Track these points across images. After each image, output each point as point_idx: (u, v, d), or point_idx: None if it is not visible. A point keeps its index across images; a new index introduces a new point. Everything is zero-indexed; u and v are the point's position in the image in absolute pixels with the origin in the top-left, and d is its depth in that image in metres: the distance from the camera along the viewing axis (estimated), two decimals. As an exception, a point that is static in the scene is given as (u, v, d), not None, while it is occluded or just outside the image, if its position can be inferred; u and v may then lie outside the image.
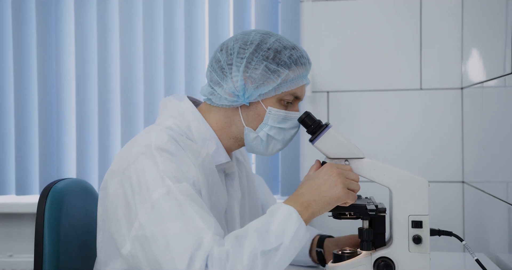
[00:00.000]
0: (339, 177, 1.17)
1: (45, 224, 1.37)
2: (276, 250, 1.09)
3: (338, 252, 1.32)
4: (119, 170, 1.20)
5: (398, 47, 2.11)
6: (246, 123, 1.30)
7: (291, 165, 2.14)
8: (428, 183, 1.25)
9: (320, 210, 1.17)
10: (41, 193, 1.41)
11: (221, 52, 1.31)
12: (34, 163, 2.28)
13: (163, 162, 1.16)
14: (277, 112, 1.29)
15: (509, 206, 1.49)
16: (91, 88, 2.25)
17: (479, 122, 1.83)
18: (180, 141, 1.24)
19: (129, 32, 2.22)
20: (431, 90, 2.09)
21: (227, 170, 1.38)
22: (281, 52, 1.28)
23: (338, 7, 2.13)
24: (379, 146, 2.10)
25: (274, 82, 1.26)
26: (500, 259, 1.61)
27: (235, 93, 1.28)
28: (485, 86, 1.74)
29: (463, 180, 2.07)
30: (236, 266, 1.06)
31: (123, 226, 1.16)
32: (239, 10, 2.16)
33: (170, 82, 2.19)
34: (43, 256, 1.35)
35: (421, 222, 1.24)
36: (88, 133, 2.25)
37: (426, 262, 1.24)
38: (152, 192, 1.13)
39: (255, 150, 1.35)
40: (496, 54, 1.62)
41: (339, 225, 1.77)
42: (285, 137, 1.32)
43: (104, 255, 1.27)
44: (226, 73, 1.28)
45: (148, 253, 1.10)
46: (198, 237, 1.07)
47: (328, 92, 2.15)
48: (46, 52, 2.25)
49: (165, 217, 1.10)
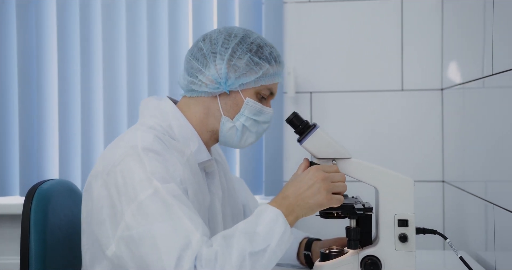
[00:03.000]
0: (324, 183, 1.19)
1: (31, 225, 1.35)
2: (264, 252, 1.11)
3: (325, 251, 1.34)
4: (104, 171, 1.20)
5: (380, 48, 2.14)
6: (224, 112, 1.33)
7: (275, 165, 2.15)
8: (414, 182, 1.27)
9: (304, 215, 1.20)
10: (26, 194, 1.39)
11: (204, 42, 1.34)
12: (14, 164, 2.25)
13: (150, 163, 1.16)
14: (254, 103, 1.33)
15: (487, 203, 1.52)
16: (73, 88, 2.23)
17: (459, 122, 1.87)
18: (165, 140, 1.25)
19: (112, 32, 2.20)
20: (412, 91, 2.13)
21: (207, 169, 1.39)
22: (263, 47, 1.33)
23: (321, 9, 2.15)
24: (361, 146, 2.12)
25: (256, 73, 1.31)
26: (480, 257, 1.65)
27: (217, 80, 1.31)
28: (465, 88, 1.78)
29: (443, 179, 2.11)
30: (225, 266, 1.07)
31: (108, 227, 1.16)
32: (223, 11, 2.17)
33: (153, 82, 2.19)
34: (29, 258, 1.34)
35: (407, 220, 1.26)
36: (70, 133, 2.23)
37: (412, 260, 1.26)
38: (139, 193, 1.13)
39: (229, 141, 1.37)
40: (475, 56, 1.66)
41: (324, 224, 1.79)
42: (259, 130, 1.36)
43: (89, 258, 1.27)
44: (209, 60, 1.31)
45: (135, 254, 1.10)
46: (187, 238, 1.08)
47: (311, 92, 2.17)
48: (27, 50, 2.22)
49: (153, 217, 1.10)
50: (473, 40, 1.70)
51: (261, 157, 2.18)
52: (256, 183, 2.18)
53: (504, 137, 1.41)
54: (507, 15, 1.39)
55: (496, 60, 1.45)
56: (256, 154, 2.17)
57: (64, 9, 2.22)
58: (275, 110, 2.13)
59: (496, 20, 1.45)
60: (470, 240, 1.76)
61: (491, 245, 1.53)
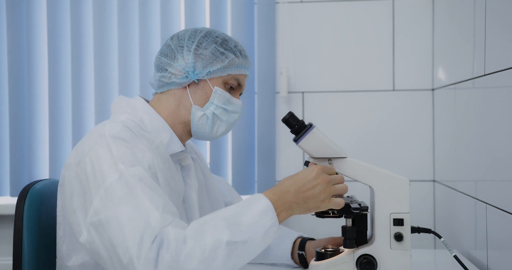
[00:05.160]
0: (327, 186, 1.19)
1: (24, 226, 1.35)
2: (243, 243, 1.09)
3: (321, 250, 1.34)
4: (74, 162, 1.22)
5: (372, 49, 2.15)
6: (194, 101, 1.37)
7: (267, 165, 2.15)
8: (409, 182, 1.28)
9: (299, 213, 1.19)
10: (19, 195, 1.38)
11: (172, 39, 1.41)
12: (5, 164, 2.23)
13: (117, 148, 1.18)
14: (222, 92, 1.37)
15: (478, 202, 1.54)
16: (64, 87, 2.21)
17: (450, 122, 1.89)
18: (134, 130, 1.27)
19: (104, 33, 2.19)
20: (404, 91, 2.14)
21: (182, 162, 1.41)
22: (228, 41, 1.40)
23: (313, 9, 2.16)
24: (353, 146, 2.13)
25: (222, 62, 1.36)
26: (471, 255, 1.66)
27: (185, 69, 1.36)
28: (456, 88, 1.79)
29: (434, 179, 2.13)
30: (195, 251, 1.05)
31: (80, 215, 1.17)
32: (215, 11, 2.17)
33: (145, 82, 2.18)
34: (22, 258, 1.33)
35: (402, 219, 1.27)
36: (61, 133, 2.21)
37: (407, 259, 1.27)
38: (106, 177, 1.14)
39: (201, 130, 1.39)
40: (466, 57, 1.68)
41: (317, 224, 1.80)
42: (229, 119, 1.40)
43: (66, 249, 1.27)
44: (177, 54, 1.37)
45: (104, 238, 1.10)
46: (147, 217, 1.08)
47: (303, 92, 2.17)
48: (17, 49, 2.20)
49: (118, 200, 1.11)
50: (463, 41, 1.71)
51: (254, 157, 2.18)
52: (249, 183, 2.18)
53: (494, 136, 1.42)
54: (499, 16, 1.40)
55: (488, 61, 1.47)
56: (248, 154, 2.17)
57: (55, 7, 2.20)
58: (267, 110, 2.15)
59: (489, 21, 1.46)
60: (461, 239, 1.78)
61: (483, 244, 1.54)
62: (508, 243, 1.36)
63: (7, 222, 2.18)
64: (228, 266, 1.08)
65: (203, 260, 1.05)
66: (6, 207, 2.17)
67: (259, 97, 2.16)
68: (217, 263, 1.06)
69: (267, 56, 2.15)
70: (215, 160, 2.16)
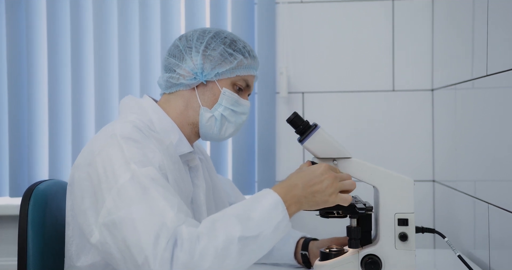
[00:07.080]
0: (334, 181, 1.19)
1: (29, 226, 1.34)
2: (255, 238, 1.09)
3: (325, 250, 1.34)
4: (84, 163, 1.21)
5: (371, 49, 2.16)
6: (202, 102, 1.37)
7: (267, 165, 2.16)
8: (414, 182, 1.29)
9: (307, 208, 1.19)
10: (23, 195, 1.38)
11: (180, 40, 1.42)
12: (4, 165, 2.22)
13: (128, 149, 1.18)
14: (231, 94, 1.37)
15: (479, 202, 1.55)
16: (63, 87, 2.20)
17: (449, 122, 1.90)
18: (144, 131, 1.27)
19: (104, 33, 2.18)
20: (403, 91, 2.15)
21: (190, 163, 1.41)
22: (236, 41, 1.40)
23: (313, 9, 2.17)
24: (353, 146, 2.11)
25: (230, 63, 1.36)
26: (473, 255, 1.67)
27: (193, 71, 1.36)
28: (456, 88, 1.80)
29: (434, 179, 2.14)
30: (208, 249, 1.05)
31: (91, 215, 1.16)
32: (215, 12, 2.16)
33: (145, 82, 2.17)
34: (27, 258, 1.32)
35: (407, 219, 1.28)
36: (60, 134, 2.20)
37: (412, 259, 1.28)
38: (118, 178, 1.14)
39: (209, 132, 1.39)
40: (465, 57, 1.69)
41: (320, 224, 1.81)
42: (237, 120, 1.40)
43: (75, 249, 1.27)
44: (185, 54, 1.38)
45: (117, 238, 1.10)
46: (162, 217, 1.08)
47: (303, 93, 2.18)
48: (17, 49, 2.19)
49: (131, 200, 1.11)
50: (463, 41, 1.72)
51: (254, 157, 2.18)
52: (249, 183, 2.18)
53: (494, 137, 1.43)
54: (502, 17, 1.41)
55: (490, 61, 1.48)
56: (248, 154, 2.17)
57: (55, 7, 2.19)
58: (268, 110, 2.16)
59: (491, 21, 1.47)
60: (461, 239, 1.79)
61: (484, 243, 1.55)
62: (511, 242, 1.37)
63: (7, 222, 2.17)
64: (241, 262, 1.08)
65: (216, 256, 1.05)
66: (6, 208, 2.16)
67: (259, 97, 2.17)
68: (231, 259, 1.07)
69: (267, 56, 2.16)
70: (215, 160, 2.16)
